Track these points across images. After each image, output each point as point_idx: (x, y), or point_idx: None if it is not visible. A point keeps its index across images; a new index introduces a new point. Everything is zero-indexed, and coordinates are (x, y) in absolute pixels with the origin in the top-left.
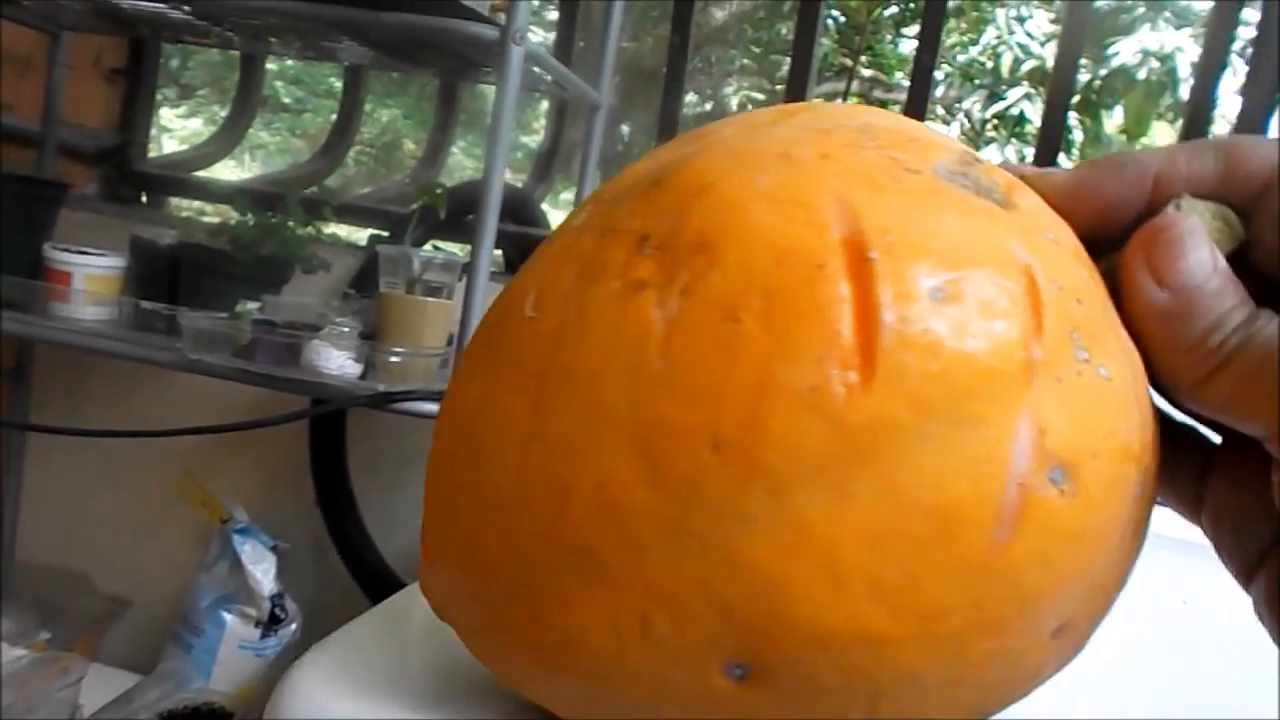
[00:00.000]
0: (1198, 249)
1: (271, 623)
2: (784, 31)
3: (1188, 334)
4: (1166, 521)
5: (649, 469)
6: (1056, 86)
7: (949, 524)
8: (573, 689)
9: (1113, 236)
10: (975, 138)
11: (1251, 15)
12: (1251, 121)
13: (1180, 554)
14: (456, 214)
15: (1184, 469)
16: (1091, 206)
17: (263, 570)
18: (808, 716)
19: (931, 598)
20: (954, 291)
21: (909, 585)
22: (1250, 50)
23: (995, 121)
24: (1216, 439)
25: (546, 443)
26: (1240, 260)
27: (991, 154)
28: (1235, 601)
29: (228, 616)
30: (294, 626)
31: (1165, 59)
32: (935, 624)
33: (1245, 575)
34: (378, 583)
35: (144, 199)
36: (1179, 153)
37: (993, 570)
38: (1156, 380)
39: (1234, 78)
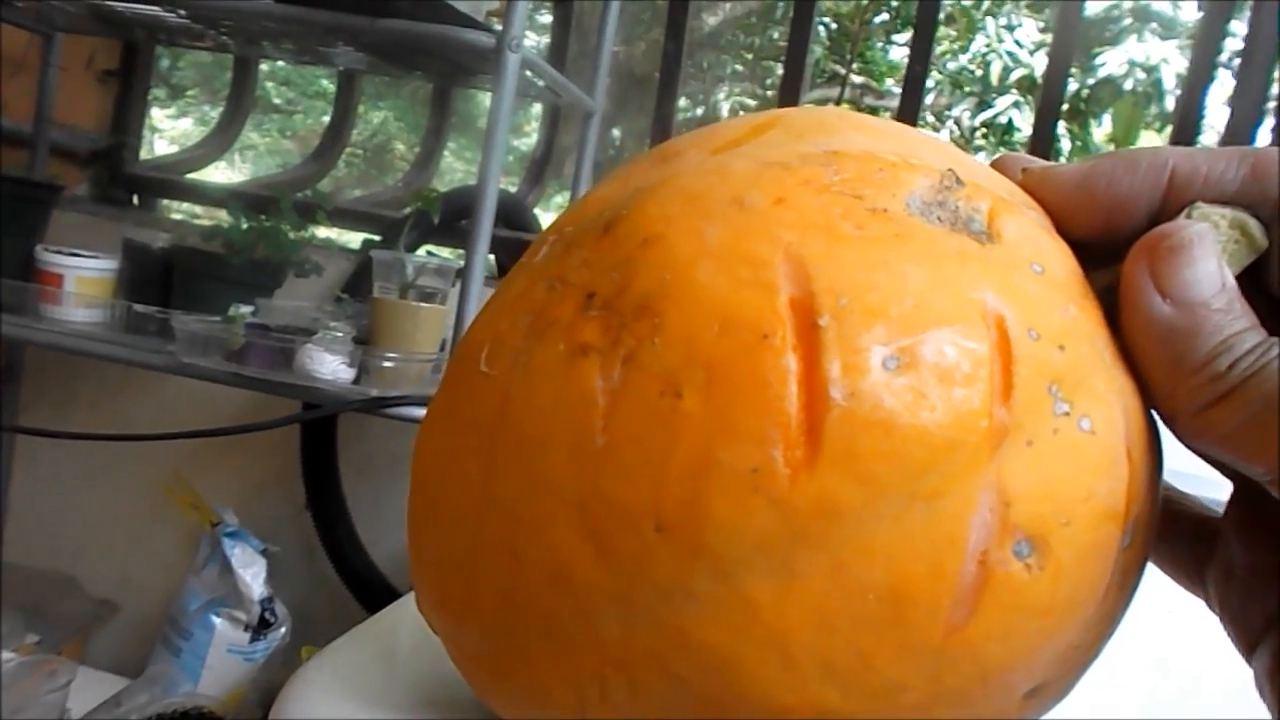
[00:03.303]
0: (1205, 259)
1: (261, 626)
2: (776, 37)
3: (1192, 354)
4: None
5: (594, 545)
6: (1047, 94)
7: (901, 605)
8: None
9: (1122, 240)
10: (964, 145)
11: (1239, 27)
12: (1239, 133)
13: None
14: (450, 219)
15: (1183, 529)
16: (1101, 202)
17: (252, 574)
18: None
19: (885, 677)
20: (909, 360)
21: (861, 666)
22: (1238, 62)
23: (984, 129)
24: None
25: (498, 507)
26: (1250, 283)
27: (980, 161)
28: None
29: (217, 620)
30: (283, 630)
31: (1151, 70)
32: (891, 700)
33: (1248, 644)
34: (367, 587)
35: (136, 201)
36: (1199, 154)
37: (950, 649)
38: (1157, 406)
39: (1220, 88)
